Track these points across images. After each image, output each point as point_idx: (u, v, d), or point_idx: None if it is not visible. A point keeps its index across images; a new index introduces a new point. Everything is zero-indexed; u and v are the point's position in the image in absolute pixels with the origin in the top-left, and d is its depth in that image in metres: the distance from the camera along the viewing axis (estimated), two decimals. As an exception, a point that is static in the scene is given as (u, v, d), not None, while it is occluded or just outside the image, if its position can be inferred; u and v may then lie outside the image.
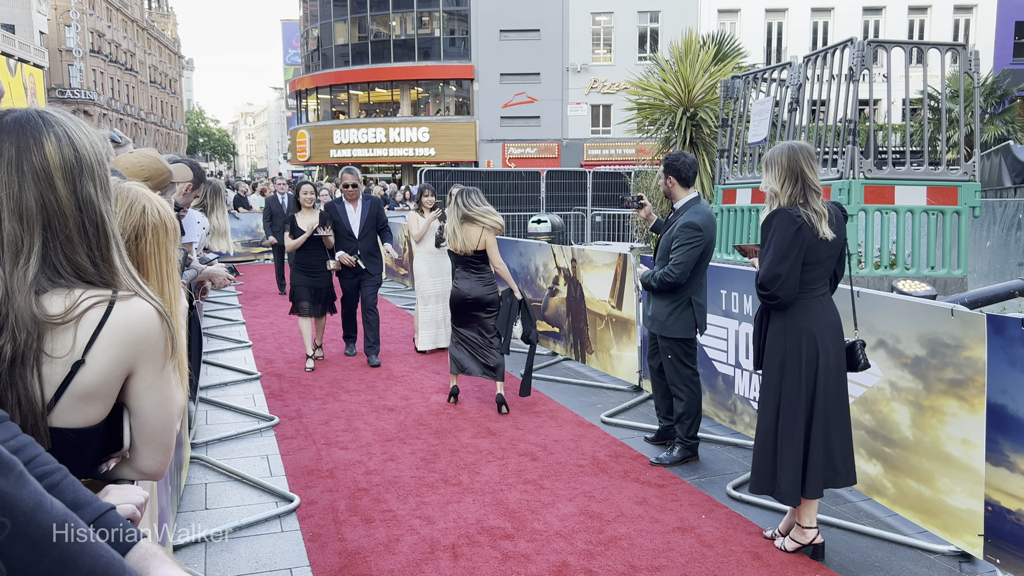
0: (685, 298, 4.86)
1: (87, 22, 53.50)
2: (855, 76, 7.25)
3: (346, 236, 7.62)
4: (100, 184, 1.39)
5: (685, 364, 4.94)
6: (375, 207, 7.79)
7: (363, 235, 7.65)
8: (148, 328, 1.35)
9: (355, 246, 7.62)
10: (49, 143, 1.33)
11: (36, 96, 40.50)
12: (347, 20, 40.05)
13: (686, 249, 4.70)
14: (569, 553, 3.76)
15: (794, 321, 3.56)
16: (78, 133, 1.37)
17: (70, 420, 1.31)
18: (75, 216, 1.34)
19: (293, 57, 57.94)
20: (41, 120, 1.34)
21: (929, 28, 34.35)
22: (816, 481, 3.58)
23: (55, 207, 1.32)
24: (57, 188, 1.32)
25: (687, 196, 4.92)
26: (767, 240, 3.54)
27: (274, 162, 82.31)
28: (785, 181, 3.51)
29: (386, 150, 38.91)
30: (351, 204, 7.70)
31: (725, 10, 34.47)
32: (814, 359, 3.54)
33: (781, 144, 3.64)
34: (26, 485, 0.90)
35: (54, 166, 1.32)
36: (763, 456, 3.69)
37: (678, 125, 13.18)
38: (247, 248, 16.77)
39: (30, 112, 1.35)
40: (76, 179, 1.34)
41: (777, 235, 3.47)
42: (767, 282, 3.49)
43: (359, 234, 7.64)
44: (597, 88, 36.11)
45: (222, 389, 6.77)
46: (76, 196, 1.34)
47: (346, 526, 4.05)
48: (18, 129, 1.32)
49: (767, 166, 3.61)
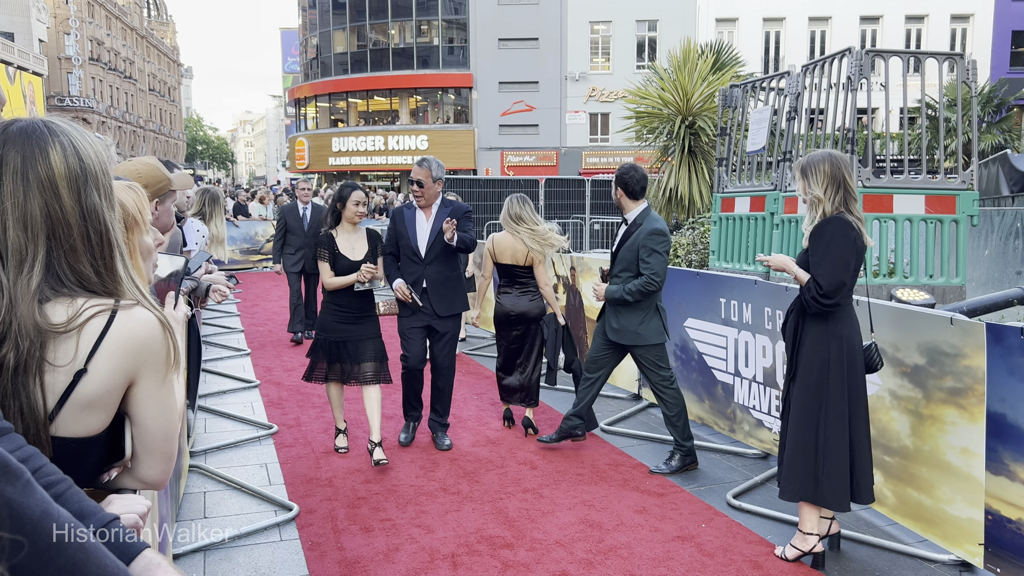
0: (652, 305, 4.97)
1: (86, 30, 53.58)
2: (853, 85, 7.27)
3: (410, 256, 5.40)
4: (104, 193, 1.39)
5: (662, 367, 5.03)
6: (459, 216, 5.34)
7: (431, 257, 5.33)
8: (150, 337, 1.35)
9: (420, 272, 5.35)
10: (55, 153, 1.33)
11: (35, 104, 40.53)
12: (346, 28, 40.14)
13: (660, 256, 4.84)
14: (569, 562, 3.76)
15: (836, 328, 3.55)
16: (83, 143, 1.38)
17: (72, 429, 1.31)
18: (79, 225, 1.34)
19: (292, 65, 58.03)
20: (47, 130, 1.35)
21: (926, 37, 34.48)
22: (868, 485, 3.60)
23: (60, 216, 1.32)
24: (62, 197, 1.32)
25: (638, 207, 5.06)
26: (821, 247, 3.50)
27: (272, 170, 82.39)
28: (828, 187, 3.53)
29: (385, 158, 38.94)
30: (424, 212, 5.44)
31: (723, 19, 34.59)
32: (853, 364, 3.57)
33: (819, 152, 3.65)
34: (33, 494, 0.90)
35: (59, 175, 1.32)
36: (802, 463, 3.62)
37: (676, 134, 13.21)
38: (245, 256, 16.76)
39: (36, 122, 1.36)
40: (81, 188, 1.35)
41: (836, 242, 3.47)
42: (832, 291, 3.44)
43: (426, 255, 5.35)
44: (595, 96, 36.20)
45: (221, 397, 6.76)
46: (81, 205, 1.34)
47: (345, 535, 4.04)
48: (24, 139, 1.32)
49: (806, 173, 3.61)
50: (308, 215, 9.07)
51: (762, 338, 5.10)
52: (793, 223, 7.64)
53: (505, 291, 5.77)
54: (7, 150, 1.31)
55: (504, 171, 35.70)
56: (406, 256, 5.38)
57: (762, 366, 5.14)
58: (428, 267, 5.32)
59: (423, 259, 5.32)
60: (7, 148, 1.31)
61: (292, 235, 9.01)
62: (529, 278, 5.72)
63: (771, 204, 8.17)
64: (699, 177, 13.10)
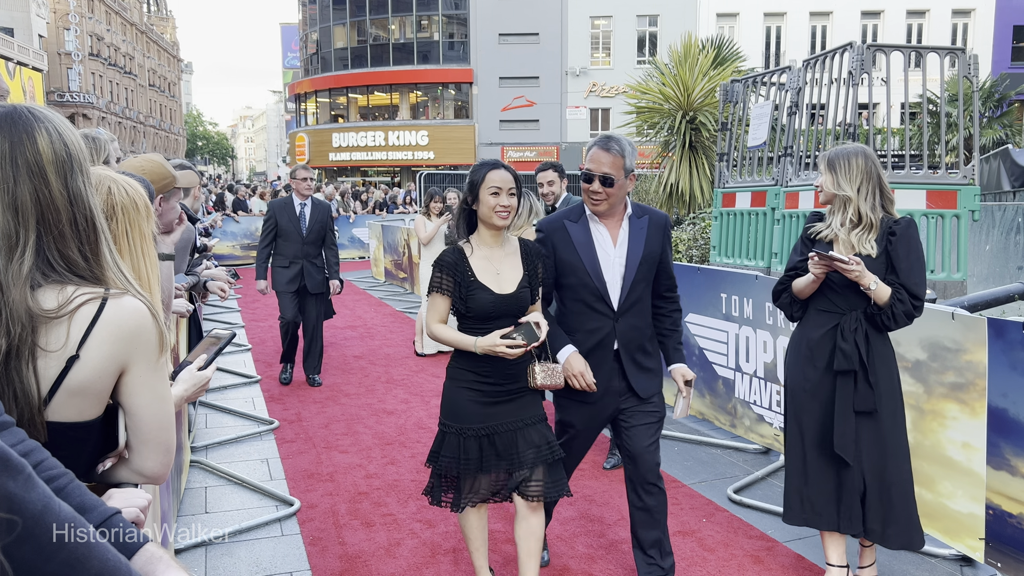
0: None
1: (86, 25, 53.49)
2: (854, 80, 7.26)
3: (588, 303, 3.59)
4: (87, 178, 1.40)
5: None
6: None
7: (627, 304, 3.26)
8: (140, 325, 1.36)
9: (607, 330, 3.20)
10: (42, 138, 1.34)
11: (35, 99, 40.50)
12: (346, 24, 40.07)
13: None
14: (570, 557, 3.76)
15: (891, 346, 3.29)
16: (65, 129, 1.39)
17: (65, 415, 1.33)
18: (67, 210, 1.35)
19: (292, 60, 57.94)
20: (31, 115, 1.35)
21: (927, 32, 34.41)
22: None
23: (49, 201, 1.33)
24: (50, 182, 1.33)
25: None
26: (912, 254, 3.12)
27: (273, 165, 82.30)
28: (863, 184, 3.16)
29: (385, 153, 38.91)
30: (605, 226, 3.84)
31: (724, 14, 34.52)
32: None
33: (851, 145, 3.26)
34: (35, 488, 0.90)
35: (47, 160, 1.33)
36: (910, 507, 3.24)
37: (677, 129, 13.19)
38: (246, 252, 16.75)
39: (19, 107, 1.36)
40: (68, 173, 1.35)
41: (919, 248, 3.13)
42: (922, 302, 3.12)
43: (621, 302, 3.31)
44: (596, 92, 36.15)
45: (222, 393, 6.76)
46: (68, 190, 1.35)
47: (346, 530, 4.04)
48: (10, 124, 1.32)
49: (834, 166, 3.21)
50: (307, 214, 6.79)
51: (763, 333, 5.10)
52: (794, 218, 7.63)
53: None
54: None
55: (504, 167, 35.63)
56: (578, 301, 3.21)
57: (763, 361, 5.13)
58: (621, 320, 3.19)
59: (614, 309, 3.18)
60: None
61: (284, 241, 6.69)
62: None
63: (772, 199, 8.16)
64: (700, 172, 13.07)
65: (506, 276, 3.00)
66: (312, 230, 6.76)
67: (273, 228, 6.74)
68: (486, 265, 2.99)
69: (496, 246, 3.04)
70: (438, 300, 3.01)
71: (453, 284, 2.95)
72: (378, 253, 15.53)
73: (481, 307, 2.94)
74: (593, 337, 3.18)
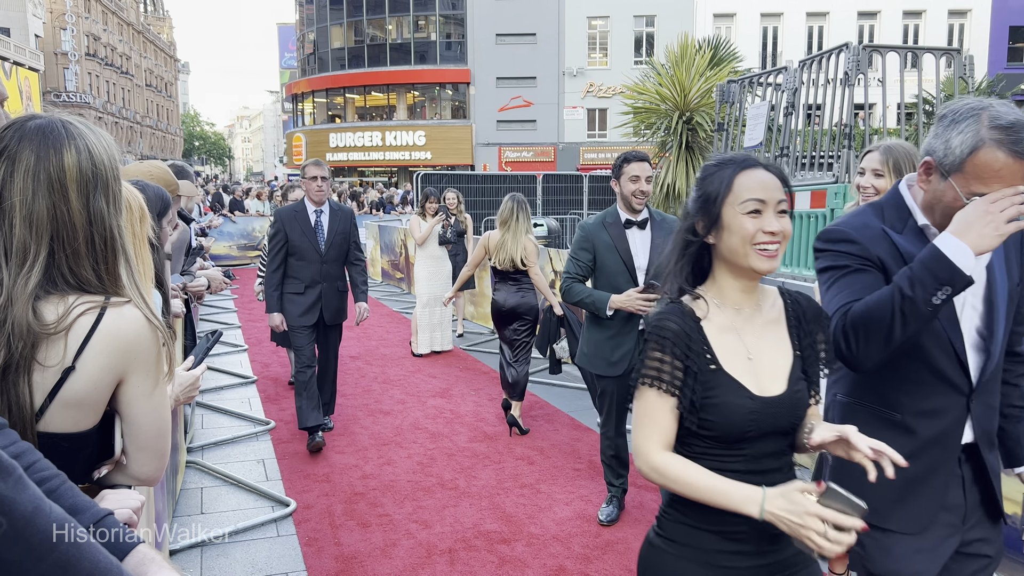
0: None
1: (83, 25, 53.40)
2: (850, 80, 7.28)
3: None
4: (112, 199, 1.39)
5: None
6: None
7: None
8: (138, 336, 1.35)
9: None
10: (68, 154, 1.33)
11: (32, 100, 40.42)
12: (343, 24, 40.04)
13: None
14: (566, 557, 3.76)
15: None
16: (98, 147, 1.38)
17: (59, 425, 1.31)
18: (85, 229, 1.33)
19: (289, 61, 57.91)
20: (64, 130, 1.34)
21: (924, 33, 34.47)
22: None
23: (66, 218, 1.32)
24: (70, 200, 1.32)
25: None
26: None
27: (270, 165, 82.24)
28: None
29: (382, 154, 38.90)
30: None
31: (721, 14, 34.55)
32: None
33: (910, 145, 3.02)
34: (25, 489, 0.90)
35: (70, 178, 1.32)
36: None
37: (674, 129, 13.22)
38: (243, 252, 16.73)
39: (54, 121, 1.35)
40: (90, 192, 1.34)
41: None
42: None
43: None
44: (593, 92, 36.16)
45: (218, 393, 6.75)
46: (88, 210, 1.34)
47: (342, 530, 4.04)
48: (40, 137, 1.32)
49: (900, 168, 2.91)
50: (325, 224, 5.29)
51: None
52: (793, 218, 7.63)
53: (498, 287, 5.90)
54: (22, 147, 1.31)
55: (502, 167, 35.65)
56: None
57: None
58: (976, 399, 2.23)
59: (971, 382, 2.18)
60: (22, 144, 1.31)
61: (298, 260, 5.26)
62: (521, 275, 5.83)
63: (768, 199, 8.16)
64: (696, 173, 13.11)
65: (767, 361, 1.66)
66: (332, 244, 5.27)
67: (283, 245, 5.23)
68: (734, 343, 1.65)
69: (748, 305, 1.70)
70: (655, 404, 1.62)
71: (683, 374, 1.60)
72: (375, 253, 15.54)
73: (731, 422, 1.59)
74: (934, 425, 1.96)
